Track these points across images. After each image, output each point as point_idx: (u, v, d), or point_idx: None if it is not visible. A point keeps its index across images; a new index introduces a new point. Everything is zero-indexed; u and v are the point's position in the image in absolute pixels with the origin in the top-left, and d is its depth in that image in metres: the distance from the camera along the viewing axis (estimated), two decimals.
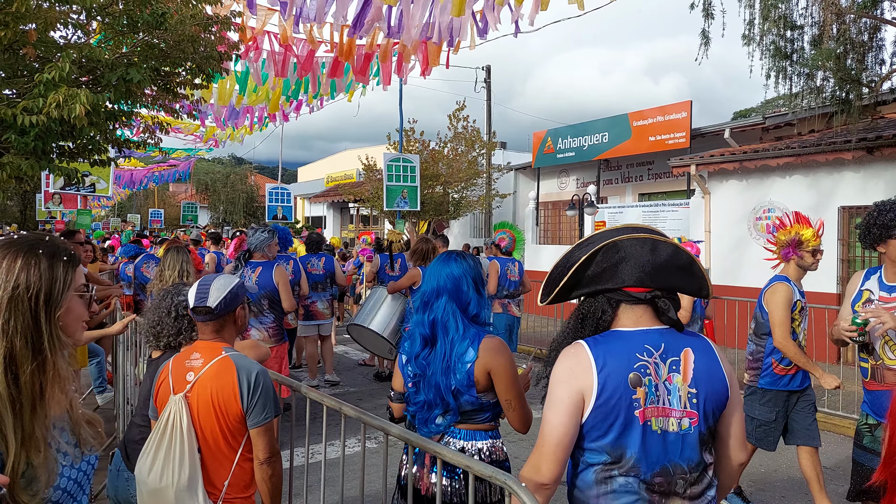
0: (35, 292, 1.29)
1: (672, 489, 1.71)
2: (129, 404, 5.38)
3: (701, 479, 1.74)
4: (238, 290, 2.55)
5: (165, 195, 39.87)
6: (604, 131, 14.41)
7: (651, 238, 1.78)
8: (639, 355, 1.72)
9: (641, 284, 1.74)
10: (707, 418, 1.74)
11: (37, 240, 1.37)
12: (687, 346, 1.77)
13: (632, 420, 1.69)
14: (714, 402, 1.75)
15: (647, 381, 1.70)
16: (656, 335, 1.76)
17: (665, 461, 1.70)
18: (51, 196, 13.11)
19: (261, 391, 2.34)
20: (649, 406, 1.70)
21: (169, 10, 5.16)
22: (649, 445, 1.70)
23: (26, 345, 1.27)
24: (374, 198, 15.87)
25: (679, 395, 1.72)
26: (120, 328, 4.49)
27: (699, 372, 1.74)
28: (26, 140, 4.52)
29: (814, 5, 7.17)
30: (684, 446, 1.72)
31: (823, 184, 9.58)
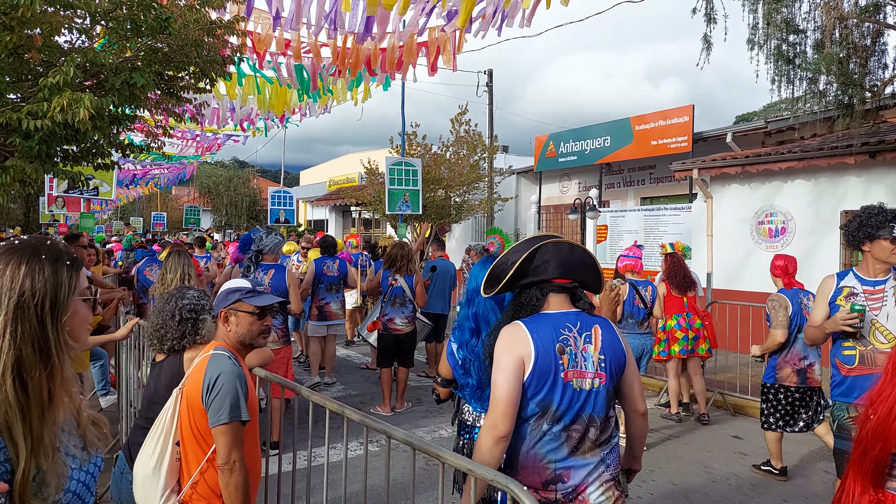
0: (41, 298, 1.29)
1: (586, 435, 2.20)
2: (133, 407, 5.39)
3: (606, 427, 2.24)
4: (227, 295, 2.57)
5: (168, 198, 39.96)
6: (605, 135, 14.41)
7: (568, 242, 2.33)
8: (562, 330, 2.24)
9: (566, 276, 2.28)
10: (612, 378, 2.26)
11: (39, 244, 1.36)
12: (596, 324, 2.30)
13: (558, 379, 2.18)
14: (616, 365, 2.27)
15: (569, 350, 2.22)
16: (573, 315, 2.29)
17: (582, 412, 2.20)
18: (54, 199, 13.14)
19: (218, 391, 2.31)
20: (570, 369, 2.20)
21: (173, 15, 5.18)
22: (570, 400, 2.19)
23: (34, 351, 1.27)
24: (375, 201, 15.86)
25: (592, 360, 2.24)
26: (125, 333, 4.51)
27: (605, 343, 2.27)
28: (30, 144, 4.53)
29: (816, 10, 7.18)
30: (596, 401, 2.22)
31: (826, 188, 9.58)
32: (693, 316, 6.83)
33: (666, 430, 6.60)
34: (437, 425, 6.54)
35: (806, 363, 5.15)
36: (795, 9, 7.42)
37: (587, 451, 2.20)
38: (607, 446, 2.24)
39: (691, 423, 6.84)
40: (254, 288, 2.59)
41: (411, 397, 7.59)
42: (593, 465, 2.20)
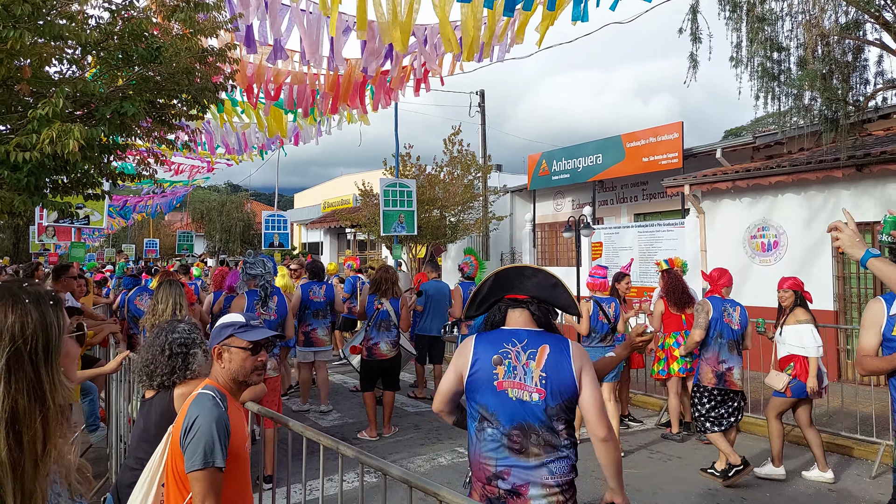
0: (34, 343, 1.25)
1: (527, 440, 2.40)
2: (123, 442, 5.30)
3: (552, 437, 2.41)
4: (221, 330, 2.50)
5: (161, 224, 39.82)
6: (597, 153, 14.50)
7: (525, 266, 2.65)
8: (505, 344, 2.49)
9: (519, 292, 2.57)
10: (554, 396, 2.41)
11: (17, 288, 1.32)
12: (545, 343, 2.48)
13: (492, 387, 2.45)
14: (559, 385, 2.41)
15: (507, 362, 2.46)
16: (524, 333, 2.51)
17: (521, 419, 2.41)
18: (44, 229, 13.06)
19: (194, 435, 2.21)
20: (506, 379, 2.44)
21: (164, 44, 5.18)
22: (506, 407, 2.43)
23: (30, 399, 1.22)
24: (370, 223, 15.86)
25: (532, 375, 2.43)
26: (114, 367, 4.44)
27: (549, 363, 2.44)
28: (19, 176, 4.50)
29: (798, 28, 7.27)
30: (534, 411, 2.41)
31: (816, 201, 9.63)
32: None
33: (667, 450, 6.53)
34: (435, 453, 6.46)
35: (724, 367, 5.56)
36: (778, 27, 7.51)
37: (530, 455, 2.40)
38: (552, 455, 2.41)
39: (693, 442, 6.78)
40: (247, 322, 2.51)
41: (409, 423, 7.51)
42: (533, 468, 2.39)
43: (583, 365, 2.47)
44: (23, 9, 4.24)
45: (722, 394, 5.58)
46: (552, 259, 16.75)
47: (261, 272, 5.78)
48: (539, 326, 2.54)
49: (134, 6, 5.45)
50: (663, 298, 6.88)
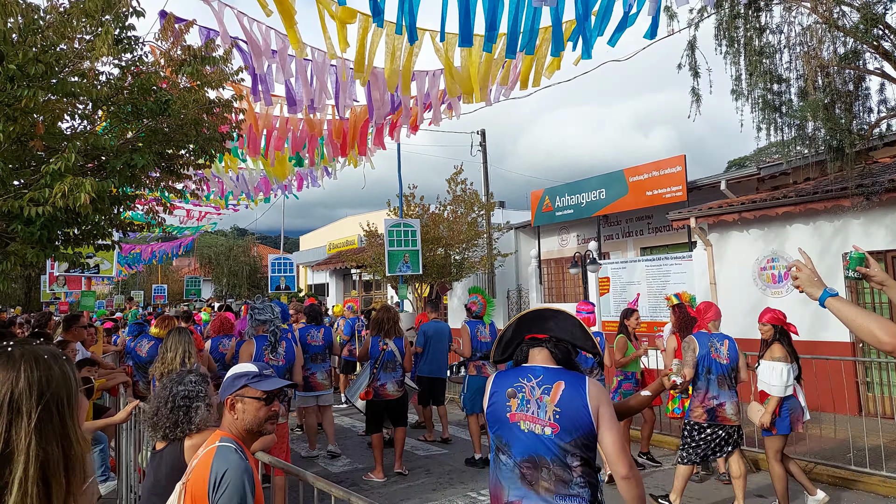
0: (60, 397, 1.30)
1: (538, 473, 2.47)
2: (133, 493, 5.24)
3: (564, 472, 2.46)
4: (234, 381, 2.47)
5: (169, 270, 40.03)
6: (601, 188, 14.57)
7: (545, 308, 2.78)
8: (520, 380, 2.61)
9: (539, 332, 2.68)
10: (568, 432, 2.47)
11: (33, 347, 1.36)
12: (561, 380, 2.55)
13: (505, 419, 2.59)
14: (573, 421, 2.47)
15: (521, 396, 2.57)
16: (540, 369, 2.62)
17: (532, 452, 2.49)
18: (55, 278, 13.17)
19: (225, 489, 2.17)
20: (519, 412, 2.55)
21: (172, 97, 5.30)
22: (518, 438, 2.53)
23: (60, 450, 1.26)
24: (376, 263, 15.90)
25: (546, 410, 2.51)
26: (124, 416, 4.42)
27: (564, 398, 2.50)
28: (32, 230, 4.55)
29: (797, 59, 7.37)
30: (547, 445, 2.48)
31: (825, 231, 9.60)
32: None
33: (686, 492, 6.38)
34: (447, 498, 6.33)
35: (716, 402, 5.46)
36: (777, 59, 7.62)
37: (542, 489, 2.47)
38: (563, 490, 2.45)
39: (711, 482, 6.63)
40: (260, 372, 2.51)
41: (420, 467, 7.39)
42: (546, 501, 2.45)
43: (600, 403, 2.50)
44: (36, 69, 4.36)
45: (712, 428, 5.49)
46: (559, 295, 16.68)
47: (269, 317, 5.81)
48: (558, 364, 2.63)
49: (143, 62, 5.60)
50: (675, 334, 6.80)
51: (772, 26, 7.67)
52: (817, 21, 7.18)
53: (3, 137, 4.27)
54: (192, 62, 5.55)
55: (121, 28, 5.23)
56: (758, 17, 7.39)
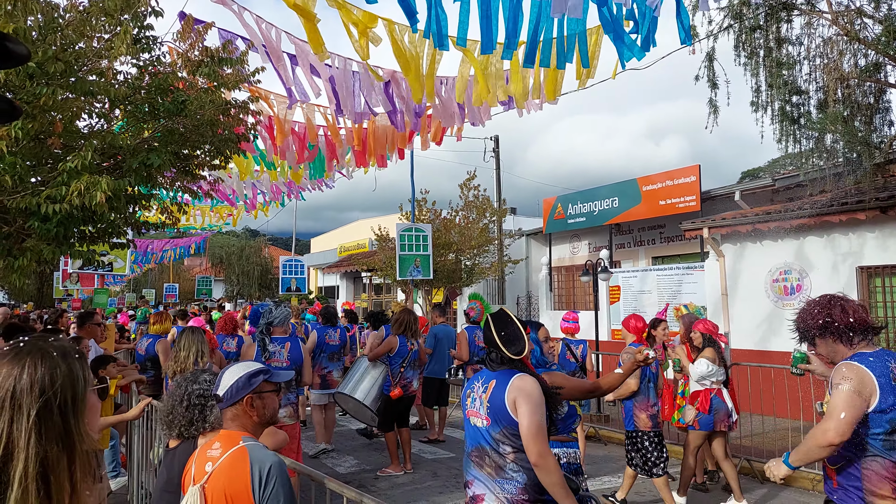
0: (63, 396, 1.29)
1: (483, 459, 2.89)
2: (143, 489, 5.26)
3: (499, 459, 2.83)
4: (250, 379, 2.45)
5: (180, 269, 40.25)
6: (613, 196, 14.52)
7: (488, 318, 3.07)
8: (475, 382, 3.06)
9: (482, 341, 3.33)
10: (496, 423, 2.85)
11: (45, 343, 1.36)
12: (494, 379, 2.93)
13: (465, 416, 3.06)
14: (497, 414, 2.84)
15: (472, 395, 3.02)
16: (487, 371, 3.01)
17: (477, 442, 2.93)
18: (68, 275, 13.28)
19: (274, 485, 2.19)
20: (471, 409, 3.01)
21: (189, 98, 5.34)
22: (470, 431, 3.00)
23: (60, 449, 1.25)
24: (386, 267, 15.91)
25: (482, 405, 2.92)
26: (136, 413, 4.44)
27: (492, 395, 2.89)
28: (48, 227, 4.60)
29: (817, 71, 7.31)
30: (484, 436, 2.90)
31: (840, 244, 9.51)
32: None
33: (692, 500, 6.33)
34: (455, 500, 6.32)
35: (656, 409, 5.84)
36: (796, 71, 7.56)
37: (485, 471, 2.88)
38: (503, 476, 2.82)
39: (718, 492, 6.57)
40: (268, 367, 2.54)
41: (427, 470, 7.38)
42: (489, 483, 2.85)
43: (518, 395, 2.80)
44: (56, 67, 4.41)
45: (658, 436, 5.79)
46: (569, 303, 16.62)
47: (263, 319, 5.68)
48: (500, 366, 2.94)
49: (161, 62, 5.65)
50: (686, 344, 6.74)
51: (791, 38, 7.62)
52: (838, 33, 7.13)
53: (21, 135, 4.31)
54: (209, 63, 5.59)
55: (139, 28, 5.28)
56: (778, 29, 7.34)
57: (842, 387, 2.75)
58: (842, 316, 2.90)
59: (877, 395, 2.73)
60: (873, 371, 2.76)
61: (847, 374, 2.78)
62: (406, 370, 7.21)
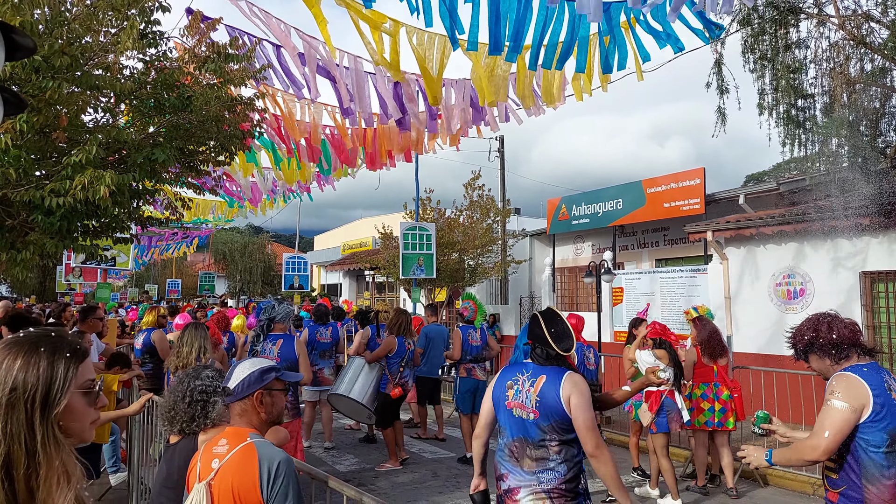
0: (31, 394, 1.25)
1: (523, 451, 3.00)
2: (143, 484, 5.26)
3: (543, 451, 2.96)
4: (262, 375, 2.44)
5: (183, 265, 40.32)
6: (618, 198, 14.49)
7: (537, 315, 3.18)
8: (517, 374, 3.14)
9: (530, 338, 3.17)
10: (546, 416, 2.95)
11: (41, 337, 1.33)
12: (543, 374, 3.05)
13: (503, 406, 3.12)
14: (549, 408, 2.95)
15: (516, 387, 3.09)
16: (532, 365, 3.14)
17: (519, 434, 3.02)
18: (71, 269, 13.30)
19: (282, 481, 2.19)
20: (513, 401, 3.07)
21: (195, 93, 5.33)
22: (510, 422, 3.07)
23: (21, 448, 1.22)
24: (389, 265, 15.90)
25: (530, 399, 3.02)
26: (137, 408, 4.44)
27: (543, 390, 2.99)
28: (52, 220, 4.60)
29: (823, 75, 7.29)
30: (529, 428, 2.99)
31: (844, 249, 9.47)
32: (721, 386, 6.57)
33: (692, 502, 6.31)
34: (455, 500, 6.31)
35: None
36: (803, 75, 7.54)
37: (524, 465, 2.98)
38: (543, 467, 2.94)
39: (719, 496, 6.55)
40: (279, 366, 2.54)
41: (427, 470, 7.38)
42: (526, 476, 2.96)
43: (571, 393, 2.94)
44: (62, 61, 4.40)
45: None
46: (572, 304, 16.61)
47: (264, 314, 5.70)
48: (544, 363, 3.08)
49: (167, 57, 5.64)
50: (697, 347, 6.67)
51: (798, 42, 7.60)
52: (845, 37, 7.10)
53: (26, 128, 4.31)
54: (215, 59, 5.59)
55: (146, 23, 5.27)
56: (785, 34, 7.32)
57: (829, 402, 2.81)
58: (827, 333, 2.98)
59: (870, 405, 2.75)
60: (866, 380, 2.80)
61: (835, 387, 2.83)
62: (405, 370, 7.37)
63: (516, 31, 5.02)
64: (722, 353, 6.65)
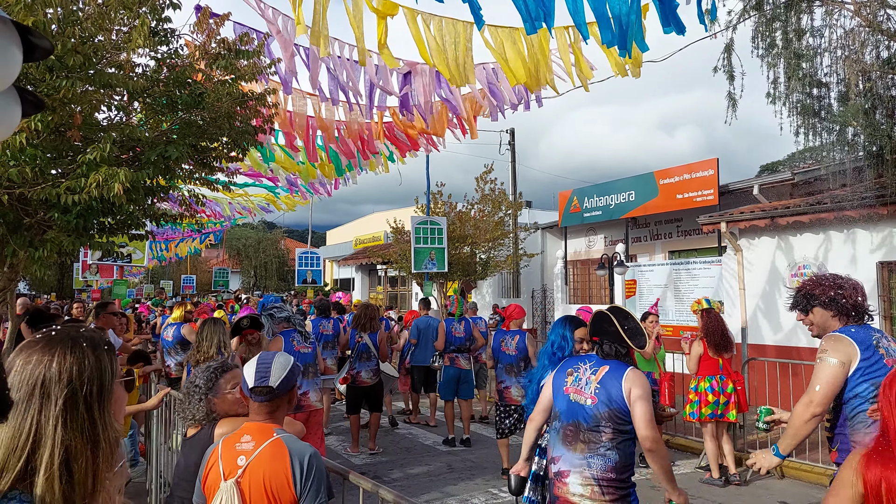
0: (89, 386, 1.31)
1: (576, 435, 3.10)
2: (162, 478, 5.33)
3: (595, 435, 3.05)
4: (295, 368, 2.51)
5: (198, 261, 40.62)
6: (630, 190, 14.41)
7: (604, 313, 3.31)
8: (579, 363, 3.30)
9: (595, 335, 3.30)
10: (605, 404, 3.06)
11: (77, 333, 1.38)
12: (606, 365, 3.18)
13: (561, 392, 3.25)
14: (608, 397, 3.06)
15: (575, 375, 3.24)
16: (594, 357, 3.29)
17: (575, 418, 3.13)
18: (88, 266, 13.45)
19: (314, 474, 2.23)
20: (572, 387, 3.21)
21: (207, 90, 5.36)
22: (567, 407, 3.19)
23: (83, 439, 1.27)
24: (402, 259, 15.93)
25: (590, 386, 3.14)
26: (155, 403, 4.50)
27: (605, 379, 3.12)
28: (69, 218, 4.65)
29: (838, 63, 7.19)
30: (584, 413, 3.10)
31: (860, 239, 9.37)
32: (726, 379, 6.57)
33: (709, 496, 6.30)
34: (469, 493, 6.34)
35: (503, 386, 6.62)
36: (816, 63, 7.44)
37: (577, 448, 3.08)
38: (594, 452, 3.04)
39: (734, 488, 6.53)
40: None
41: (442, 463, 7.43)
42: (577, 460, 3.07)
43: (633, 385, 3.05)
44: (75, 59, 4.44)
45: (505, 407, 6.56)
46: (584, 297, 16.56)
47: (288, 314, 6.08)
48: (606, 357, 3.22)
49: (178, 55, 5.67)
50: (703, 340, 6.67)
51: (811, 29, 7.50)
52: (860, 24, 7.00)
53: (41, 127, 4.36)
54: (226, 55, 5.61)
55: (157, 20, 5.30)
56: (798, 20, 7.22)
57: (820, 358, 3.01)
58: (852, 293, 3.13)
59: (857, 359, 2.95)
60: (853, 337, 3.00)
61: (825, 345, 3.03)
62: (354, 361, 7.85)
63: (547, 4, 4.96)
64: (727, 346, 6.62)
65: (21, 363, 1.29)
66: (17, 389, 1.25)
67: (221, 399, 2.95)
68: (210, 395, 2.96)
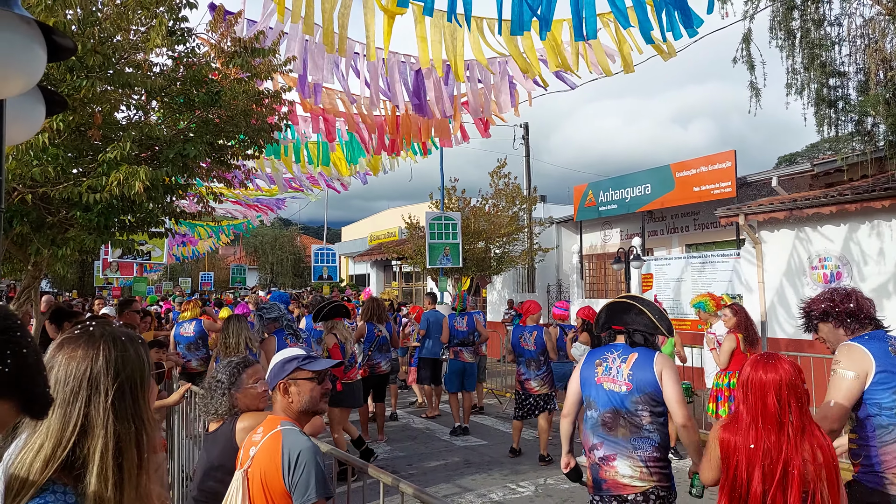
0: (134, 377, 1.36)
1: (616, 422, 3.25)
2: (184, 472, 5.40)
3: (636, 420, 3.21)
4: (284, 365, 2.49)
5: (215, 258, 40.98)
6: (646, 183, 14.30)
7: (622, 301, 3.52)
8: (606, 353, 3.43)
9: (619, 324, 3.46)
10: (639, 389, 3.22)
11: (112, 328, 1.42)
12: (635, 353, 3.34)
13: (592, 382, 3.39)
14: (642, 381, 3.23)
15: (605, 364, 3.38)
16: (621, 346, 3.43)
17: (611, 405, 3.27)
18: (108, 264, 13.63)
19: (303, 469, 2.20)
20: (603, 376, 3.35)
21: (223, 89, 5.41)
22: (601, 395, 3.33)
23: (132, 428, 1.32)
24: (416, 255, 15.96)
25: (622, 374, 3.29)
26: (177, 399, 4.56)
27: (636, 366, 3.28)
28: (90, 216, 4.71)
29: (857, 52, 7.09)
30: (622, 400, 3.25)
31: (882, 230, 9.23)
32: None
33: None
34: (487, 488, 6.36)
35: (524, 378, 7.19)
36: (835, 52, 7.34)
37: (619, 433, 3.22)
38: (637, 435, 3.19)
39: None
40: (308, 354, 2.57)
41: (459, 458, 7.46)
42: (621, 444, 3.20)
43: (663, 368, 3.23)
44: (94, 59, 4.50)
45: (525, 394, 7.17)
46: (600, 291, 16.49)
47: (277, 315, 6.14)
48: (633, 345, 3.36)
49: (195, 54, 5.72)
50: (736, 334, 6.41)
51: (830, 18, 7.39)
52: (880, 13, 6.89)
53: (63, 126, 4.42)
54: (241, 54, 5.65)
55: (174, 19, 5.35)
56: (817, 9, 7.12)
57: (835, 371, 2.93)
58: (843, 302, 3.05)
59: (872, 370, 2.84)
60: (867, 347, 2.88)
61: (839, 357, 2.93)
62: (374, 353, 7.97)
63: None
64: (757, 340, 6.49)
65: (64, 359, 1.32)
66: (65, 384, 1.29)
67: (244, 393, 3.00)
68: (233, 390, 3.01)
